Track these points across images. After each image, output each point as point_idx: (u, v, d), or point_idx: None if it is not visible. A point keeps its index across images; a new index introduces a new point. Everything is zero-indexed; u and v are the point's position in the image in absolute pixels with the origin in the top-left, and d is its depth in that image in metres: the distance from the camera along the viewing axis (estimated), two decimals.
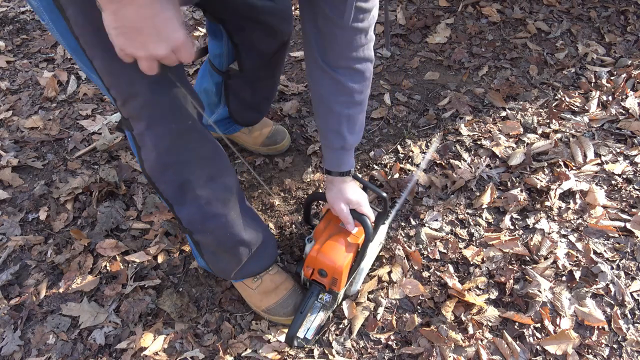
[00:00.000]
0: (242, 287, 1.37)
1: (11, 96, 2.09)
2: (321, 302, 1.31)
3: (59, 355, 1.30)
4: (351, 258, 1.25)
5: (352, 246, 1.25)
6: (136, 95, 0.90)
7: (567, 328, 1.31)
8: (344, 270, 1.24)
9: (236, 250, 1.21)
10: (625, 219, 1.55)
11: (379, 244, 1.42)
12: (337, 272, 1.23)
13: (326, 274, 1.25)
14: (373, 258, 1.42)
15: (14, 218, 1.61)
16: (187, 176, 1.04)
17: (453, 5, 2.50)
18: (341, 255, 1.23)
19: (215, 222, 1.13)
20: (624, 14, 2.42)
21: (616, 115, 1.90)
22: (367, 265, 1.37)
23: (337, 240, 1.26)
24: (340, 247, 1.24)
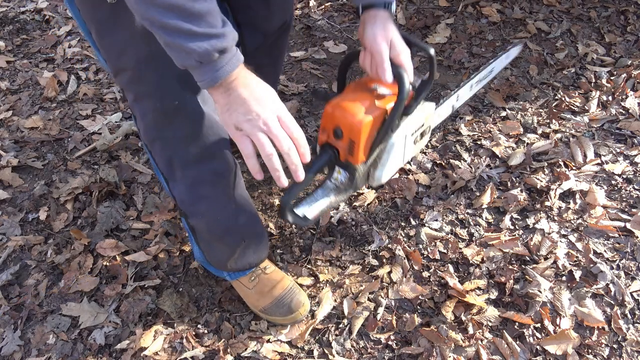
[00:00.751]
0: (239, 287, 1.37)
1: (11, 96, 2.09)
2: (335, 183, 1.06)
3: (59, 355, 1.30)
4: (375, 120, 0.97)
5: (379, 108, 0.98)
6: (125, 69, 0.94)
7: (567, 328, 1.31)
8: (364, 130, 0.96)
9: (228, 238, 1.21)
10: (625, 219, 1.55)
11: (421, 130, 1.12)
12: (354, 130, 0.96)
13: (342, 133, 0.98)
14: (411, 149, 1.13)
15: (14, 218, 1.62)
16: (172, 152, 1.06)
17: (453, 5, 2.50)
18: (363, 112, 0.96)
19: (204, 204, 1.14)
20: (624, 14, 2.42)
21: (616, 115, 1.90)
22: (400, 148, 1.07)
23: (363, 96, 0.99)
24: (364, 103, 0.98)
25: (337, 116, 0.98)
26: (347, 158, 1.01)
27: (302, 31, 2.43)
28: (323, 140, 1.03)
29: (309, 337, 1.33)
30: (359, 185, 1.08)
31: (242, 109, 0.82)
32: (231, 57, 0.79)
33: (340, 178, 1.06)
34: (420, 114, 1.07)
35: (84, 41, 2.40)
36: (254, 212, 1.27)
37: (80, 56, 2.30)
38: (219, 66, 0.78)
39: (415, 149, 1.14)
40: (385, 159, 1.05)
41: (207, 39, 0.74)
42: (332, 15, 2.53)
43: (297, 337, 1.32)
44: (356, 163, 1.01)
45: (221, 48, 0.76)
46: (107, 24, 0.87)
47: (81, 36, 2.43)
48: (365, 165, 1.04)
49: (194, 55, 0.75)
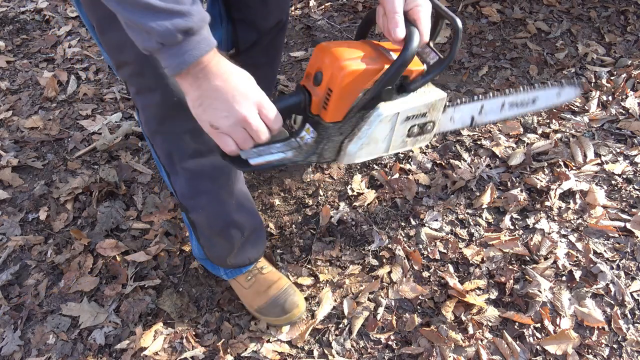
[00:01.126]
0: (236, 286, 1.37)
1: (11, 96, 2.09)
2: (299, 142, 0.89)
3: (59, 355, 1.30)
4: (365, 74, 0.81)
5: (376, 64, 0.81)
6: (126, 62, 0.93)
7: (567, 328, 1.31)
8: (346, 79, 0.80)
9: (228, 233, 1.21)
10: (625, 219, 1.55)
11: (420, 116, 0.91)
12: (335, 76, 0.80)
13: (321, 79, 0.82)
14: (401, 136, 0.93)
15: (14, 218, 1.62)
16: (173, 146, 1.06)
17: (453, 5, 2.50)
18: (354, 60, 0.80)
19: (204, 198, 1.14)
20: (624, 14, 2.42)
21: (616, 115, 1.90)
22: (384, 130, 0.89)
23: (363, 47, 0.84)
24: (359, 53, 0.82)
25: (321, 58, 0.82)
26: (319, 112, 0.84)
27: (302, 31, 2.43)
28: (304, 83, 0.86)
29: (309, 337, 1.33)
30: (325, 154, 0.91)
31: (217, 104, 0.73)
32: (199, 40, 0.68)
33: (307, 138, 0.89)
34: (424, 97, 0.89)
35: (84, 41, 2.41)
36: (253, 207, 1.27)
37: (80, 56, 2.31)
38: (184, 50, 0.67)
39: (408, 142, 0.95)
40: (365, 132, 0.88)
41: (169, 17, 0.64)
42: (332, 15, 2.53)
43: (297, 337, 1.32)
44: (327, 120, 0.84)
45: (185, 28, 0.65)
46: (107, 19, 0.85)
47: (81, 36, 2.43)
48: (337, 129, 0.87)
49: (154, 35, 0.65)
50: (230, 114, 0.74)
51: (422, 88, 0.88)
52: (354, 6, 2.57)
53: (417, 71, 0.85)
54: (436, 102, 0.90)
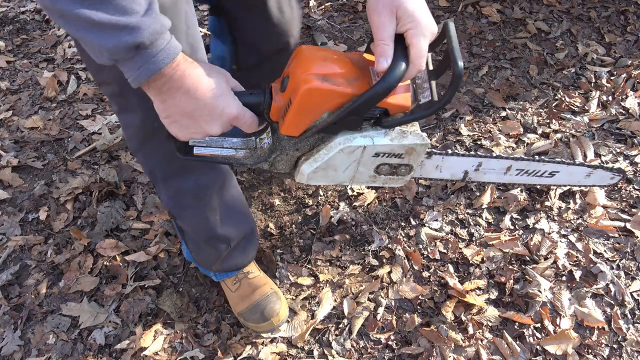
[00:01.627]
0: (225, 288, 1.38)
1: (11, 96, 2.09)
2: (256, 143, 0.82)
3: (59, 355, 1.30)
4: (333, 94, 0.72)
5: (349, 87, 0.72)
6: (105, 82, 0.89)
7: (567, 328, 1.31)
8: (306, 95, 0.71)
9: (213, 243, 1.21)
10: (625, 219, 1.55)
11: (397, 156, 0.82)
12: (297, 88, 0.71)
13: (286, 85, 0.74)
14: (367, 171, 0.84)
15: (14, 218, 1.61)
16: (153, 166, 1.05)
17: (453, 5, 2.50)
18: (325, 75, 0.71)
19: (188, 212, 1.13)
20: (624, 14, 2.42)
21: (616, 115, 1.90)
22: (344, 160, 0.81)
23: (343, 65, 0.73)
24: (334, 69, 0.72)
25: (294, 63, 0.74)
26: (277, 120, 0.78)
27: (302, 31, 2.42)
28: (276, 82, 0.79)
29: (309, 337, 1.33)
30: (278, 166, 0.85)
31: (184, 121, 0.68)
32: (155, 53, 0.61)
33: (265, 141, 0.82)
34: (401, 138, 0.79)
35: None
36: (244, 215, 1.25)
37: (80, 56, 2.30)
38: (138, 65, 0.61)
39: (377, 179, 0.86)
40: (321, 157, 0.80)
41: (116, 33, 0.57)
42: (332, 15, 2.53)
43: (297, 337, 1.32)
44: (282, 132, 0.77)
45: (134, 44, 0.58)
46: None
47: None
48: (293, 144, 0.80)
49: (104, 52, 0.59)
50: (198, 131, 0.70)
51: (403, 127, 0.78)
52: (354, 6, 2.57)
53: (400, 107, 0.75)
54: (415, 146, 0.80)
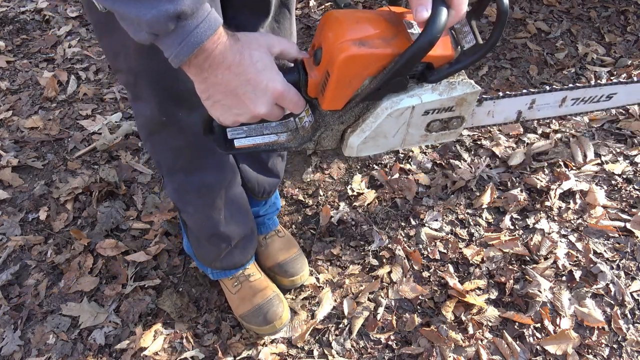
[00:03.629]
0: (225, 289, 1.38)
1: (11, 96, 2.09)
2: (296, 123, 0.77)
3: (59, 355, 1.30)
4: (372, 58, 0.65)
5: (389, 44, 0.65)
6: (120, 70, 0.89)
7: (567, 328, 1.31)
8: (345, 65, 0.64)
9: (214, 241, 1.21)
10: (625, 219, 1.55)
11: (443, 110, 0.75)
12: (333, 58, 0.64)
13: (320, 58, 0.67)
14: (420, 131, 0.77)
15: (14, 218, 1.61)
16: (159, 158, 1.05)
17: None
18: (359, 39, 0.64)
19: (191, 208, 1.13)
20: (624, 14, 2.42)
21: (616, 115, 1.89)
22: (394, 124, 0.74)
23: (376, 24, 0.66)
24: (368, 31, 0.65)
25: (325, 32, 0.66)
26: (317, 95, 0.71)
27: (302, 31, 2.42)
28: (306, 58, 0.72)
29: (309, 337, 1.33)
30: (324, 143, 0.79)
31: (227, 101, 0.63)
32: (196, 24, 0.56)
33: (305, 120, 0.75)
34: (449, 90, 0.72)
35: (84, 41, 2.40)
36: (246, 216, 1.25)
37: (80, 56, 2.30)
38: (180, 39, 0.56)
39: (429, 137, 0.79)
40: (369, 125, 0.73)
41: (155, 3, 0.53)
42: None
43: (297, 337, 1.32)
44: (324, 107, 0.71)
45: (176, 13, 0.54)
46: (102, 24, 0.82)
47: (81, 36, 2.43)
48: (337, 118, 0.75)
49: (143, 25, 0.55)
50: (242, 112, 0.64)
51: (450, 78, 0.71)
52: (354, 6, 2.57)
53: (444, 57, 0.68)
54: (465, 96, 0.73)
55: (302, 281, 1.41)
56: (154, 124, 0.95)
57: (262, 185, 1.32)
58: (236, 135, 0.77)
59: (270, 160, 1.29)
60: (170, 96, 0.88)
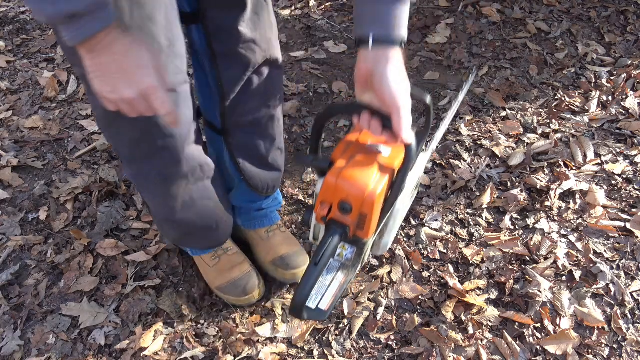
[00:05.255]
0: (200, 263, 1.41)
1: (11, 96, 2.09)
2: (339, 261, 0.92)
3: (59, 355, 1.30)
4: (386, 185, 0.84)
5: (386, 169, 0.84)
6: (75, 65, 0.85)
7: (567, 328, 1.31)
8: (377, 201, 0.82)
9: (169, 225, 1.23)
10: (625, 219, 1.55)
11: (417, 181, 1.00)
12: (367, 202, 0.82)
13: (351, 207, 0.83)
14: (408, 206, 1.03)
15: (14, 218, 1.62)
16: (116, 147, 1.06)
17: (453, 5, 2.50)
18: (372, 180, 0.82)
19: (146, 193, 1.15)
20: (624, 14, 2.42)
21: (616, 115, 1.90)
22: (403, 211, 0.97)
23: (365, 160, 0.84)
24: (370, 169, 0.83)
25: (344, 189, 0.82)
26: (356, 233, 0.87)
27: (302, 31, 2.43)
28: (323, 215, 0.86)
29: (309, 337, 1.33)
30: (367, 258, 0.99)
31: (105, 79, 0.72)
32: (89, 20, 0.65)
33: (345, 254, 0.91)
34: (418, 167, 0.94)
35: None
36: (211, 211, 1.22)
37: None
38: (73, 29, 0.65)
39: (410, 203, 1.02)
40: (392, 225, 0.94)
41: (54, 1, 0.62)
42: (332, 15, 2.53)
43: (297, 337, 1.32)
44: (367, 237, 0.87)
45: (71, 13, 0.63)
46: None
47: None
48: (374, 235, 0.92)
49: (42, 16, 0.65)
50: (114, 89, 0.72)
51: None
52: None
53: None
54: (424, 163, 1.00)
55: (297, 277, 1.40)
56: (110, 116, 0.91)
57: (266, 182, 1.32)
58: (316, 303, 0.90)
59: (270, 155, 1.29)
60: None
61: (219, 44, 1.05)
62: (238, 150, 1.23)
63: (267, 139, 1.26)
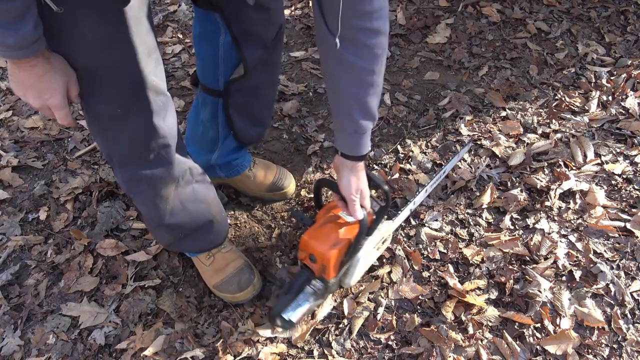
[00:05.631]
0: (197, 263, 1.43)
1: (11, 96, 2.09)
2: (313, 288, 1.30)
3: (59, 355, 1.30)
4: (341, 248, 1.23)
5: (345, 237, 1.23)
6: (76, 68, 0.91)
7: (567, 328, 1.31)
8: (332, 259, 1.21)
9: (163, 229, 1.23)
10: (625, 219, 1.55)
11: (382, 241, 1.37)
12: (325, 259, 1.22)
13: (315, 259, 1.24)
14: (374, 255, 1.38)
15: (14, 218, 1.62)
16: (111, 152, 1.07)
17: (453, 5, 2.50)
18: (332, 243, 1.21)
19: (139, 198, 1.15)
20: (624, 14, 2.42)
21: (616, 115, 1.90)
22: (365, 261, 1.32)
23: (333, 228, 1.24)
24: (332, 235, 1.23)
25: (311, 246, 1.23)
26: (321, 274, 1.26)
27: (302, 31, 2.43)
28: (302, 258, 1.28)
29: (309, 337, 1.33)
30: (333, 290, 1.37)
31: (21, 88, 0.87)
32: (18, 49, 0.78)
33: (317, 285, 1.29)
34: (379, 232, 1.32)
35: None
36: (204, 211, 1.26)
37: None
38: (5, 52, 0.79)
39: (378, 253, 1.39)
40: (353, 271, 1.30)
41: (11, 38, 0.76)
42: None
43: (297, 337, 1.32)
44: (328, 279, 1.26)
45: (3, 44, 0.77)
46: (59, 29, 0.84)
47: None
48: (336, 277, 1.29)
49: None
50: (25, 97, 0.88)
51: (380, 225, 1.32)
52: None
53: (370, 220, 1.26)
54: (387, 228, 1.37)
55: (293, 190, 1.66)
56: (106, 119, 0.99)
57: (252, 135, 1.48)
58: (290, 316, 1.27)
59: (261, 113, 1.44)
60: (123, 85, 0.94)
61: (237, 26, 1.17)
62: (234, 109, 1.35)
63: (263, 101, 1.41)
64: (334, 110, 1.11)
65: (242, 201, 1.66)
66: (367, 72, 1.01)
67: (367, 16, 0.92)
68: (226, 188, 1.67)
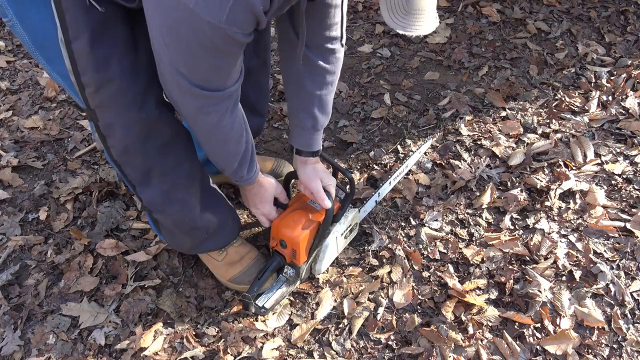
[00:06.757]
0: (208, 260, 1.43)
1: (11, 96, 2.09)
2: (285, 276, 1.37)
3: (59, 355, 1.30)
4: (311, 232, 1.30)
5: (313, 222, 1.30)
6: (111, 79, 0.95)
7: (567, 328, 1.31)
8: (302, 243, 1.29)
9: (192, 234, 1.28)
10: (625, 219, 1.55)
11: (349, 228, 1.43)
12: (294, 243, 1.29)
13: (286, 244, 1.31)
14: (342, 243, 1.45)
15: (14, 218, 1.61)
16: (153, 163, 1.10)
17: (453, 5, 2.50)
18: (300, 228, 1.29)
19: (175, 206, 1.20)
20: (624, 14, 2.42)
21: (616, 115, 1.90)
22: (333, 246, 1.39)
23: (301, 214, 1.32)
24: (301, 221, 1.30)
25: (282, 232, 1.30)
26: (292, 260, 1.33)
27: None
28: (273, 246, 1.35)
29: (309, 337, 1.33)
30: (304, 277, 1.41)
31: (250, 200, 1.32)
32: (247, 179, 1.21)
33: (289, 272, 1.37)
34: (346, 219, 1.40)
35: None
36: (221, 202, 1.32)
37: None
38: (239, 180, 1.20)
39: (346, 241, 1.47)
40: (322, 256, 1.38)
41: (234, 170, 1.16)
42: None
43: (297, 337, 1.32)
44: (299, 264, 1.33)
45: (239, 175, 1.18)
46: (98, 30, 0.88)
47: None
48: (307, 263, 1.35)
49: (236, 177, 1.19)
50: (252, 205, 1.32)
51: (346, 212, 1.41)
52: (354, 6, 2.57)
53: (336, 207, 1.35)
54: (354, 216, 1.43)
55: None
56: (146, 123, 1.03)
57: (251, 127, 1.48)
58: (263, 302, 1.35)
59: (257, 102, 1.48)
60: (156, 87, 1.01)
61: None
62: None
63: (256, 87, 1.44)
64: (295, 109, 1.25)
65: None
66: (330, 73, 1.19)
67: (334, 27, 1.12)
68: (226, 188, 1.67)
